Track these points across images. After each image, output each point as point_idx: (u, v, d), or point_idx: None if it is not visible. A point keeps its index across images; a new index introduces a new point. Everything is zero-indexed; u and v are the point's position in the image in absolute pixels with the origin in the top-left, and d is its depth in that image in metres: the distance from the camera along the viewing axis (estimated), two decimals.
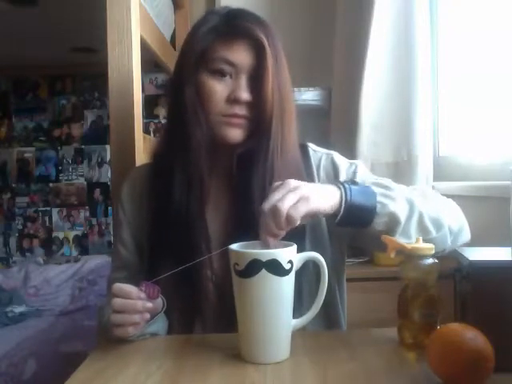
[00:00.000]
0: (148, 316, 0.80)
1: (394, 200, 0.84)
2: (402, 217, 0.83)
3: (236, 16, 0.93)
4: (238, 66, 0.91)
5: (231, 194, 0.97)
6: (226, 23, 0.92)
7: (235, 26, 0.91)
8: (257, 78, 0.91)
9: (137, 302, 0.78)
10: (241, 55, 0.90)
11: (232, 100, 0.91)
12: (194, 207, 0.93)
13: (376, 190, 0.85)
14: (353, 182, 0.86)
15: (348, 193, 0.81)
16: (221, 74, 0.91)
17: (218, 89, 0.91)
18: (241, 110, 0.91)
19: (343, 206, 0.80)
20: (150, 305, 0.79)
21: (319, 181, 0.99)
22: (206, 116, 0.92)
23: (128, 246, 1.00)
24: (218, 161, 0.97)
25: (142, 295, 0.79)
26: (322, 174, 1.00)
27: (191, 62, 0.92)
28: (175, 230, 0.93)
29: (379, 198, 0.83)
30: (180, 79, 0.94)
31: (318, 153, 1.02)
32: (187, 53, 0.94)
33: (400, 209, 0.84)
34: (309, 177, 0.97)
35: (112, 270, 1.04)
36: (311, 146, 1.03)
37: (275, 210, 0.73)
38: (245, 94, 0.90)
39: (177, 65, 0.98)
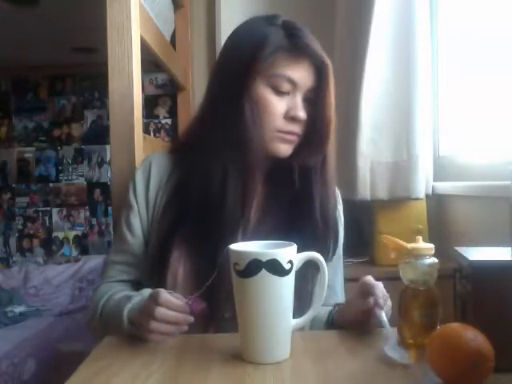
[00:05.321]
0: (186, 329, 0.79)
1: None
2: None
3: (297, 35, 0.94)
4: (298, 85, 0.93)
5: (274, 200, 0.99)
6: (290, 42, 0.93)
7: (301, 45, 0.92)
8: (313, 97, 0.94)
9: (179, 316, 0.78)
10: (303, 74, 0.93)
11: (289, 117, 0.93)
12: (240, 206, 0.94)
13: None
14: None
15: None
16: (281, 90, 0.93)
17: (277, 105, 0.93)
18: (296, 128, 0.94)
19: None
20: (191, 319, 0.78)
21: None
22: (262, 127, 0.93)
23: (135, 232, 1.00)
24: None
25: (186, 308, 0.78)
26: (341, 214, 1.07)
27: (251, 73, 0.92)
28: (211, 225, 0.93)
29: None
30: (236, 86, 0.93)
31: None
32: (245, 62, 0.93)
33: None
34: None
35: (113, 252, 1.02)
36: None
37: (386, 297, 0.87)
38: (302, 113, 0.93)
39: (230, 69, 0.96)
